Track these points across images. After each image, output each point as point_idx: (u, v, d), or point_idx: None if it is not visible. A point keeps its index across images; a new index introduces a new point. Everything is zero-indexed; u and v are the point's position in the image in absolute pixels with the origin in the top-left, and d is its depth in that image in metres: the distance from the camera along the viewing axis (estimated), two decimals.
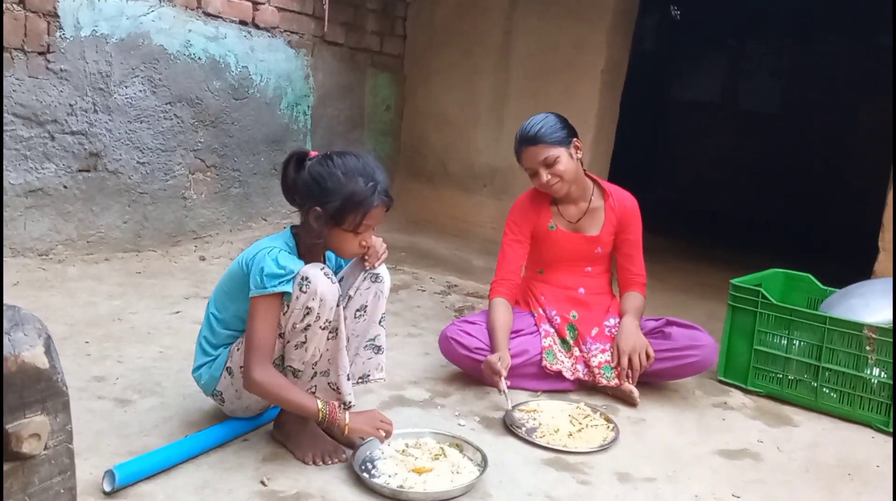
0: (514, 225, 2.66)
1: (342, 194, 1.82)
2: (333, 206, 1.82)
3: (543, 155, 2.48)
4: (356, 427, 1.85)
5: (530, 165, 2.52)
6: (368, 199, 1.83)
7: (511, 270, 2.63)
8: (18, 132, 3.26)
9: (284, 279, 1.78)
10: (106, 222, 3.66)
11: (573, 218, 2.65)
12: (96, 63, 3.45)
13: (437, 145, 5.31)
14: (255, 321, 1.80)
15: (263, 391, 1.81)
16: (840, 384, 2.49)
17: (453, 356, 2.51)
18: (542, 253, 2.69)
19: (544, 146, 2.48)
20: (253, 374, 1.79)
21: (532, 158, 2.50)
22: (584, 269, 2.68)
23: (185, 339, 2.68)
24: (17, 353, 1.06)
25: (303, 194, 1.87)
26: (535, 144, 2.48)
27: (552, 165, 2.48)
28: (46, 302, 2.93)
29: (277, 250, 1.83)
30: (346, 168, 1.85)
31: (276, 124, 4.44)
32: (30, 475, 1.11)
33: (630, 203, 2.69)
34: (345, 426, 1.82)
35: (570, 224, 2.65)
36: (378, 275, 1.99)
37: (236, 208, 4.32)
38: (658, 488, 1.95)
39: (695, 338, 2.51)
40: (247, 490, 1.75)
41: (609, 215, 2.66)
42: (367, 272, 1.98)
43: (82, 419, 1.97)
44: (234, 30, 4.06)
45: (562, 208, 2.65)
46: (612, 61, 4.61)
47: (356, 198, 1.82)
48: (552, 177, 2.49)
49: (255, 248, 1.88)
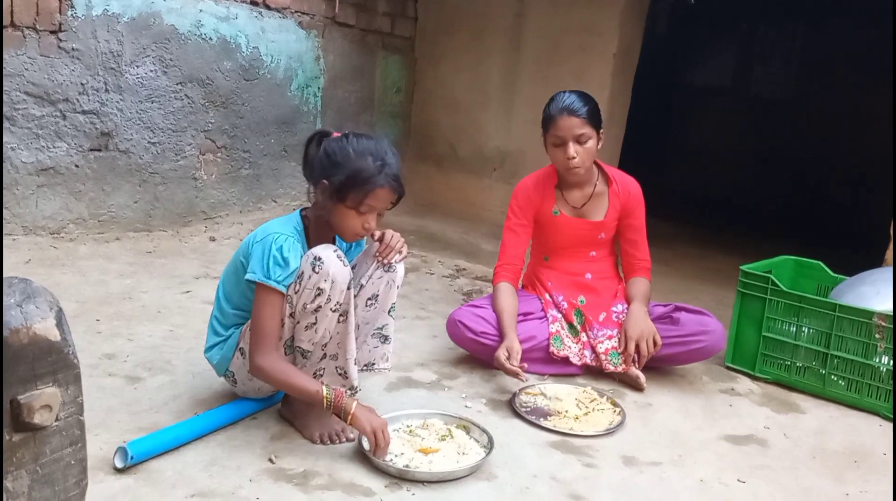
0: (518, 209, 2.64)
1: (349, 168, 1.82)
2: (339, 180, 1.83)
3: (580, 130, 2.45)
4: (359, 418, 1.81)
5: (562, 135, 2.46)
6: (374, 178, 1.83)
7: (515, 254, 2.62)
8: (30, 111, 3.27)
9: (288, 277, 1.80)
10: (117, 201, 3.68)
11: (577, 203, 2.64)
12: (108, 42, 3.45)
13: (446, 129, 5.29)
14: (259, 309, 1.82)
15: (268, 377, 1.83)
16: (848, 372, 2.48)
17: (461, 340, 2.52)
18: (546, 239, 2.69)
19: (583, 121, 2.45)
20: (257, 360, 1.81)
21: (568, 128, 2.45)
22: (589, 254, 2.68)
23: (194, 318, 2.70)
24: (28, 325, 1.07)
25: (315, 169, 1.89)
26: (577, 115, 2.45)
27: (583, 143, 2.47)
28: (58, 280, 2.95)
29: (284, 238, 1.83)
30: (358, 146, 1.85)
31: (286, 106, 4.43)
32: (41, 445, 1.13)
33: (634, 188, 2.67)
34: (349, 414, 1.81)
35: (575, 209, 2.64)
36: (392, 265, 1.99)
37: (246, 189, 4.32)
38: (664, 472, 1.95)
39: (703, 323, 2.51)
40: (255, 468, 1.77)
41: (613, 201, 2.64)
42: (380, 261, 1.99)
43: (93, 395, 1.99)
44: (245, 10, 4.05)
45: (566, 193, 2.64)
46: (625, 45, 4.57)
47: (361, 175, 1.82)
48: (577, 155, 2.47)
49: (263, 231, 1.88)
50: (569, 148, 2.46)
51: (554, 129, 2.48)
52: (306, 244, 1.92)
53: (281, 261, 1.80)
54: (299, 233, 1.91)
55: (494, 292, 2.56)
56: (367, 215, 1.88)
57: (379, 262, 1.98)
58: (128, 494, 1.61)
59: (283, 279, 1.80)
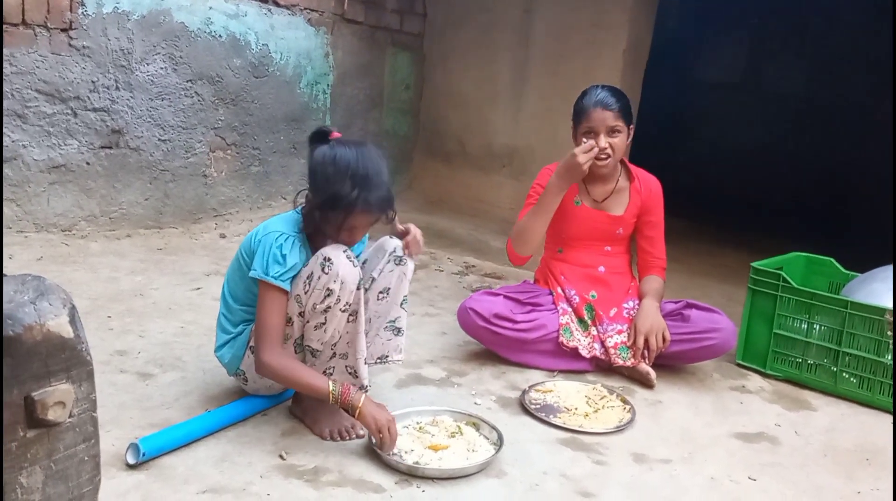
0: (541, 188, 2.60)
1: (326, 192, 1.82)
2: (319, 200, 1.84)
3: (614, 122, 2.50)
4: (366, 414, 1.81)
5: (596, 126, 2.50)
6: (351, 204, 1.80)
7: None
8: (42, 109, 3.29)
9: (286, 273, 1.81)
10: (128, 198, 3.69)
11: (599, 197, 2.65)
12: (118, 40, 3.47)
13: (455, 125, 5.29)
14: (261, 306, 1.83)
15: (273, 374, 1.83)
16: (860, 369, 2.47)
17: (472, 329, 2.51)
18: (563, 229, 2.68)
19: (618, 115, 2.51)
20: (263, 357, 1.82)
21: (602, 120, 2.50)
22: (604, 248, 2.67)
23: (205, 315, 2.71)
24: (42, 322, 1.08)
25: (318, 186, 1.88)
26: (612, 109, 2.50)
27: (614, 136, 2.51)
28: (69, 277, 2.97)
29: (284, 237, 1.84)
30: (339, 166, 1.80)
31: (295, 103, 4.44)
32: (55, 441, 1.14)
33: (655, 186, 2.70)
34: (357, 408, 1.82)
35: (596, 202, 2.65)
36: (402, 258, 2.00)
37: (256, 186, 4.34)
38: (674, 469, 1.95)
39: (714, 321, 2.50)
40: (265, 464, 1.78)
41: (634, 197, 2.66)
42: (391, 255, 1.99)
43: (105, 391, 2.01)
44: (254, 7, 4.05)
45: (589, 186, 2.65)
46: (635, 40, 4.55)
47: (338, 200, 1.81)
48: (608, 146, 2.50)
49: (264, 229, 1.90)
50: (601, 140, 2.49)
51: (587, 121, 2.52)
52: (307, 242, 1.93)
53: (280, 258, 1.82)
54: (300, 230, 1.92)
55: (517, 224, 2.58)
56: (358, 230, 1.89)
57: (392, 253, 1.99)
58: (140, 490, 1.62)
59: (281, 276, 1.81)
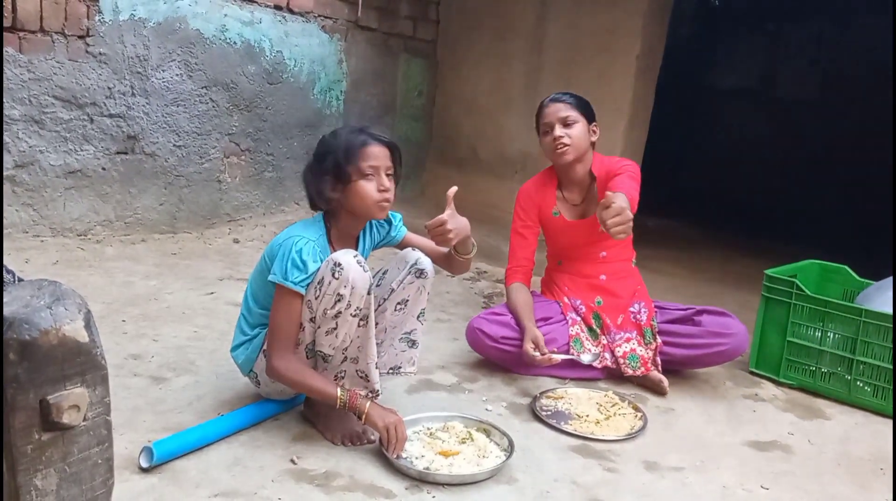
0: (522, 211, 2.69)
1: (335, 149, 1.91)
2: (331, 164, 1.89)
3: (565, 113, 2.54)
4: (373, 414, 1.84)
5: (549, 121, 2.55)
6: (356, 140, 1.91)
7: (523, 256, 2.66)
8: (59, 115, 3.33)
9: (304, 280, 1.83)
10: (143, 203, 3.73)
11: (576, 201, 2.66)
12: (134, 47, 3.51)
13: (468, 131, 5.29)
14: (275, 310, 1.85)
15: (283, 378, 1.85)
16: (874, 378, 2.45)
17: (481, 348, 2.52)
18: (553, 242, 2.72)
19: (568, 106, 2.55)
20: (273, 361, 1.84)
21: (553, 113, 2.55)
22: (600, 255, 2.66)
23: (219, 319, 2.73)
24: (58, 326, 1.09)
25: (314, 176, 1.95)
26: (563, 101, 2.56)
27: (569, 126, 2.53)
28: (85, 281, 3.00)
29: (305, 242, 1.86)
30: (336, 132, 1.97)
31: (309, 109, 4.47)
32: (69, 445, 1.15)
33: (614, 165, 2.55)
34: (364, 413, 1.84)
35: (574, 208, 2.66)
36: (423, 271, 2.01)
37: (269, 191, 4.36)
38: (686, 477, 1.94)
39: (726, 326, 2.48)
40: (277, 468, 1.78)
41: (601, 191, 2.55)
42: (412, 267, 2.00)
43: (119, 395, 2.02)
44: (269, 14, 4.09)
45: (566, 193, 2.67)
46: (648, 47, 4.54)
47: (346, 146, 1.90)
48: (564, 136, 2.51)
49: (286, 234, 1.92)
50: (555, 130, 2.52)
51: (542, 119, 2.58)
52: (328, 247, 1.94)
53: (299, 263, 1.83)
54: (322, 235, 1.94)
55: (508, 293, 2.61)
56: (375, 176, 1.91)
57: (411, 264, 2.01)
58: (152, 493, 1.64)
59: (300, 281, 1.82)
